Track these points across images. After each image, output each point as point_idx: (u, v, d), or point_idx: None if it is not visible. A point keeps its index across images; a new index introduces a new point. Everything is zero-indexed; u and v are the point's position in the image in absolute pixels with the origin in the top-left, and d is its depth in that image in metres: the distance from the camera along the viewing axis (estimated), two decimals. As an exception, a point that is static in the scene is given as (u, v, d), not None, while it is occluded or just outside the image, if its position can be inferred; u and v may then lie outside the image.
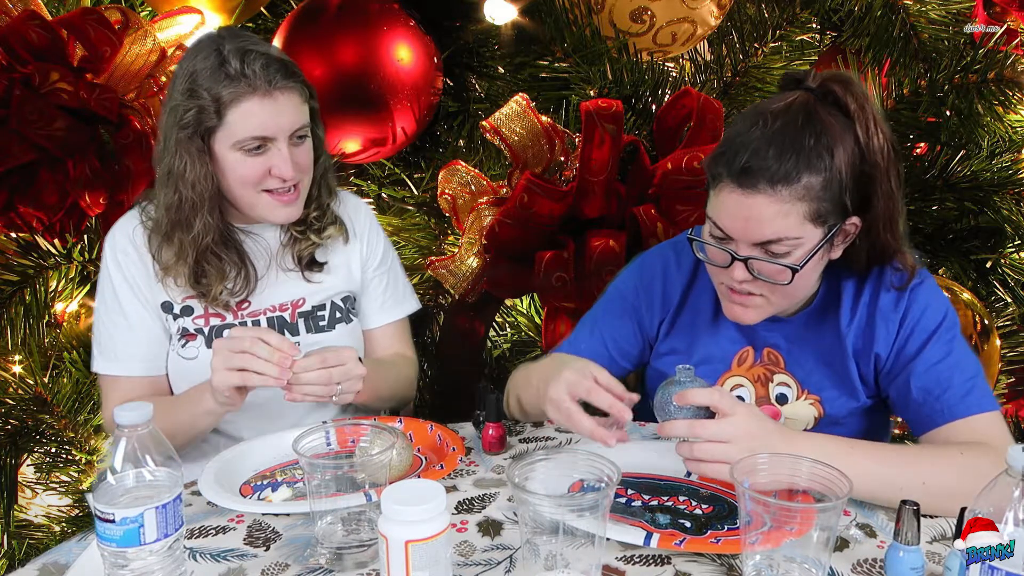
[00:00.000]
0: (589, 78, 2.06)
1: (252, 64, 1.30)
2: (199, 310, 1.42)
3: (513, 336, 2.51)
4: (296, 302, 1.48)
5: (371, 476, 1.02)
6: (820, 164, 1.13)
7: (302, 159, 1.39)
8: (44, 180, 1.87)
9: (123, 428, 0.90)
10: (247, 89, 1.30)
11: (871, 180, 1.16)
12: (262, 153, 1.34)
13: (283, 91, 1.32)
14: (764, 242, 1.16)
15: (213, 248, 1.39)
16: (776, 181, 1.12)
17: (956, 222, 2.15)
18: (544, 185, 1.81)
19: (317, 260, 1.50)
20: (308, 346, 1.45)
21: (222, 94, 1.30)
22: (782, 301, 1.24)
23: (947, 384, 1.20)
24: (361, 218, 1.58)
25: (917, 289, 1.26)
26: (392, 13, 2.05)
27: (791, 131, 1.14)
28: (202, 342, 1.42)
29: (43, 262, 2.03)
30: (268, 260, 1.47)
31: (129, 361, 1.42)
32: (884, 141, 1.16)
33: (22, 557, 2.18)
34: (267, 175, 1.36)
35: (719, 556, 1.00)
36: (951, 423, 1.18)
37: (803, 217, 1.14)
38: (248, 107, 1.31)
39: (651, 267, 1.43)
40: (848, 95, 1.16)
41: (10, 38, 1.80)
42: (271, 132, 1.33)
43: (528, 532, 0.90)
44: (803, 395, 1.32)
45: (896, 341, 1.25)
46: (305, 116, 1.38)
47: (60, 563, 1.02)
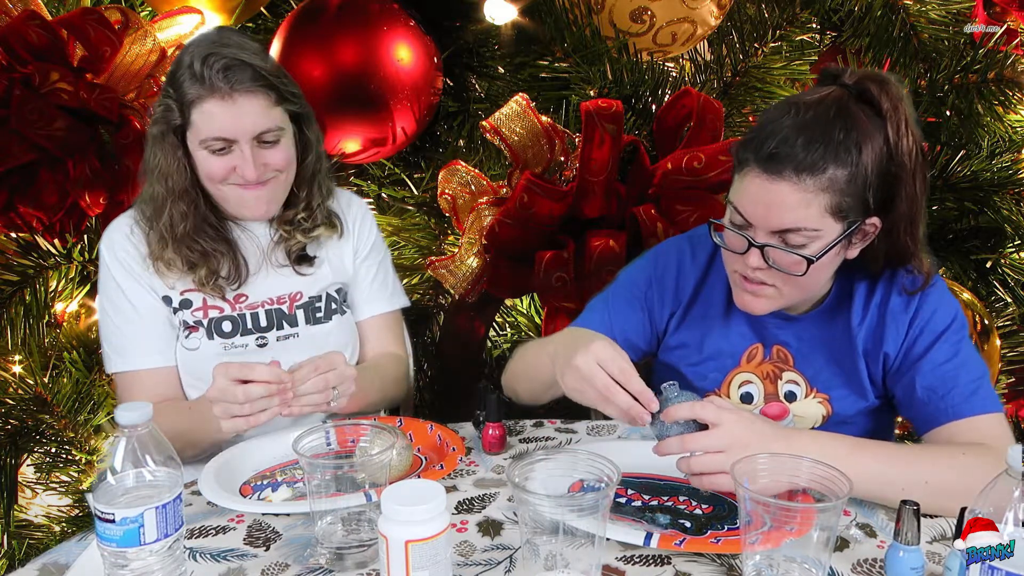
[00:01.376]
0: (589, 78, 2.06)
1: (212, 67, 1.33)
2: (198, 303, 1.45)
3: (513, 336, 2.52)
4: (293, 295, 1.51)
5: (371, 476, 1.02)
6: (847, 158, 1.12)
7: (273, 159, 1.40)
8: (44, 180, 1.87)
9: (123, 428, 0.90)
10: (206, 91, 1.34)
11: (896, 181, 1.16)
12: (227, 153, 1.38)
13: (244, 94, 1.34)
14: (783, 230, 1.15)
15: (193, 236, 1.42)
16: (802, 170, 1.12)
17: (956, 222, 2.15)
18: (544, 185, 1.81)
19: (308, 255, 1.53)
20: (307, 337, 1.50)
21: (186, 94, 1.35)
22: (793, 293, 1.23)
23: (952, 384, 1.20)
24: (353, 211, 1.61)
25: (928, 291, 1.26)
26: (392, 13, 2.05)
27: (822, 122, 1.14)
28: (203, 333, 1.45)
29: (43, 262, 2.03)
30: (260, 254, 1.50)
31: (146, 354, 1.44)
32: (914, 144, 1.16)
33: (22, 557, 2.18)
34: (232, 173, 1.39)
35: (719, 556, 1.00)
36: (954, 422, 1.18)
37: (824, 209, 1.13)
38: (208, 108, 1.35)
39: (666, 258, 1.42)
40: (883, 94, 1.16)
41: (10, 38, 1.80)
42: (231, 134, 1.36)
43: (528, 532, 0.90)
44: (812, 393, 1.32)
45: (905, 341, 1.25)
46: (274, 120, 1.39)
47: (60, 563, 1.02)
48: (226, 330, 1.46)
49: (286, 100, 1.41)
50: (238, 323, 1.46)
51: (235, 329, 1.46)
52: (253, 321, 1.47)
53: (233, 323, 1.46)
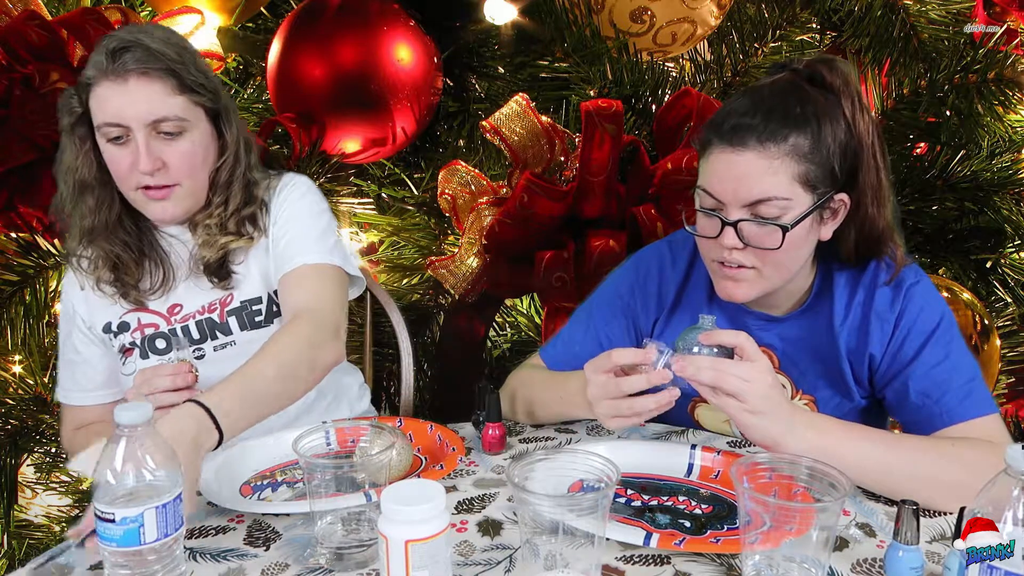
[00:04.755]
0: (589, 78, 2.06)
1: (107, 49, 1.29)
2: (133, 323, 1.44)
3: (513, 336, 2.52)
4: (224, 300, 1.44)
5: (371, 476, 1.02)
6: (807, 128, 1.16)
7: (173, 159, 1.33)
8: (44, 180, 1.87)
9: (123, 428, 0.90)
10: (100, 73, 1.30)
11: (857, 156, 1.19)
12: (124, 144, 1.32)
13: (138, 77, 1.29)
14: (753, 203, 1.17)
15: (107, 237, 1.39)
16: (765, 138, 1.15)
17: (956, 222, 2.15)
18: (544, 185, 1.81)
19: (226, 267, 1.43)
20: (245, 343, 1.43)
21: (84, 79, 1.32)
22: (774, 275, 1.23)
23: (945, 387, 1.19)
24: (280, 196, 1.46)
25: (913, 289, 1.25)
26: (392, 13, 2.05)
27: (779, 99, 1.18)
28: (137, 355, 1.44)
29: (43, 262, 2.02)
30: (189, 261, 1.45)
31: (84, 391, 1.51)
32: (870, 121, 1.20)
33: (22, 557, 2.18)
34: (132, 169, 1.33)
35: (719, 556, 1.00)
36: (950, 427, 1.18)
37: (792, 178, 1.16)
38: (100, 92, 1.31)
39: (647, 265, 1.43)
40: (832, 74, 1.20)
41: (10, 38, 1.80)
42: (122, 119, 1.30)
43: (528, 532, 0.90)
44: (798, 395, 1.33)
45: (891, 342, 1.25)
46: (172, 108, 1.32)
47: (60, 563, 1.02)
48: (160, 347, 1.43)
49: (191, 90, 1.33)
50: (169, 339, 1.43)
51: (168, 345, 1.43)
52: (184, 334, 1.43)
53: (166, 339, 1.43)
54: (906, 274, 1.26)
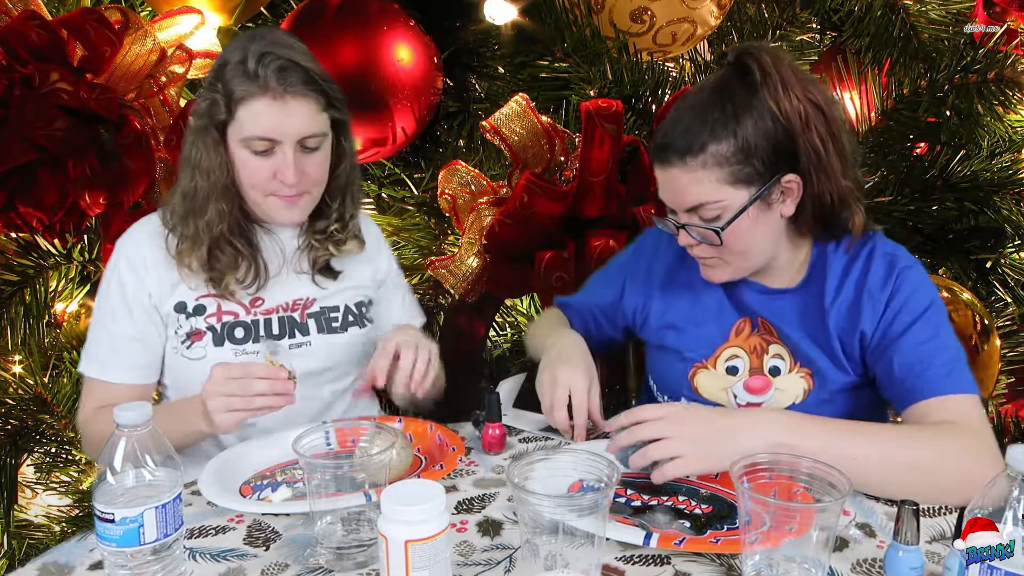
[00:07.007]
0: (589, 78, 2.06)
1: (268, 66, 1.31)
2: (212, 308, 1.43)
3: (513, 336, 2.52)
4: (306, 302, 1.49)
5: (371, 476, 1.02)
6: (725, 132, 1.21)
7: (311, 169, 1.39)
8: (44, 180, 1.87)
9: (123, 428, 0.90)
10: (258, 89, 1.32)
11: (789, 139, 1.23)
12: (268, 156, 1.36)
13: (295, 96, 1.33)
14: (692, 208, 1.27)
15: (227, 236, 1.41)
16: (684, 153, 1.23)
17: (956, 222, 2.15)
18: (544, 185, 1.81)
19: (332, 268, 1.52)
20: (321, 347, 1.47)
21: (235, 90, 1.33)
22: (737, 260, 1.31)
23: (928, 363, 1.22)
24: (372, 234, 1.61)
25: (907, 272, 1.29)
26: (392, 13, 2.05)
27: (699, 106, 1.24)
28: (210, 340, 1.41)
29: (43, 262, 2.03)
30: (282, 258, 1.49)
31: (125, 369, 1.42)
32: (799, 102, 1.22)
33: (22, 557, 2.18)
34: (272, 178, 1.37)
35: (719, 556, 1.00)
36: (929, 399, 1.20)
37: (718, 182, 1.23)
38: (257, 107, 1.33)
39: (644, 242, 1.54)
40: (755, 63, 1.23)
41: (10, 38, 1.80)
42: (277, 135, 1.34)
43: (528, 532, 0.90)
44: (795, 368, 1.34)
45: (882, 320, 1.27)
46: (319, 125, 1.37)
47: (60, 563, 1.02)
48: (238, 336, 1.43)
49: (332, 106, 1.40)
50: (251, 329, 1.44)
51: (247, 335, 1.43)
52: (266, 328, 1.45)
53: (246, 329, 1.43)
54: (900, 256, 1.31)
